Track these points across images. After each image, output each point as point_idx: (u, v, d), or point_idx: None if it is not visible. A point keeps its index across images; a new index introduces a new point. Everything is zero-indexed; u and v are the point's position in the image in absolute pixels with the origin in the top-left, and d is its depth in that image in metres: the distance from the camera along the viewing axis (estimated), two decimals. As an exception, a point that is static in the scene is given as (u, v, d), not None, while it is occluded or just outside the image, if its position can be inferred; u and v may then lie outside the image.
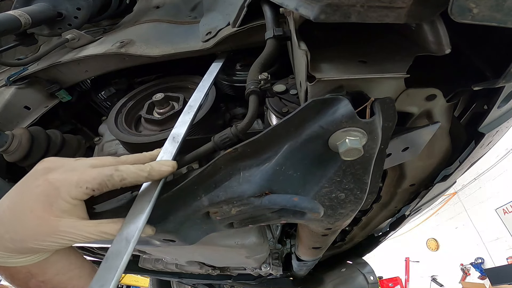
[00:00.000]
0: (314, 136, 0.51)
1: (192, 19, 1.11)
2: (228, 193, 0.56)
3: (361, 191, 0.60)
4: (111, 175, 0.52)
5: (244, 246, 1.13)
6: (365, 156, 0.53)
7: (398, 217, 1.41)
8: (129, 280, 7.84)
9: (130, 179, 0.53)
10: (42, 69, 1.05)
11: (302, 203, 0.53)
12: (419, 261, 7.88)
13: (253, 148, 0.54)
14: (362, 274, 1.71)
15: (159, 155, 0.61)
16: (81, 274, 0.64)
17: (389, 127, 0.53)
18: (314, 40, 0.59)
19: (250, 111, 0.62)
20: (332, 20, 0.42)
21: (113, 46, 0.99)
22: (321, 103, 0.49)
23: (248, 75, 0.66)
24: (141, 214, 0.53)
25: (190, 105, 0.75)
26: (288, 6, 0.54)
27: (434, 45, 0.52)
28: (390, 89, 0.55)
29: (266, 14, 0.73)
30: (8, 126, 1.01)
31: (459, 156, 0.87)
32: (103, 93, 1.27)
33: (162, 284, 4.02)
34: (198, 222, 0.64)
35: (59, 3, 1.11)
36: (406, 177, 0.97)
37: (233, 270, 1.99)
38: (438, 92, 0.59)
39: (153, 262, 1.85)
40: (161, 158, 0.60)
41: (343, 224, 0.73)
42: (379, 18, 0.42)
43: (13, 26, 0.97)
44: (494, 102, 0.66)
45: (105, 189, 0.52)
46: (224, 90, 0.99)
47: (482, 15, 0.36)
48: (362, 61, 0.54)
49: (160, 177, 0.56)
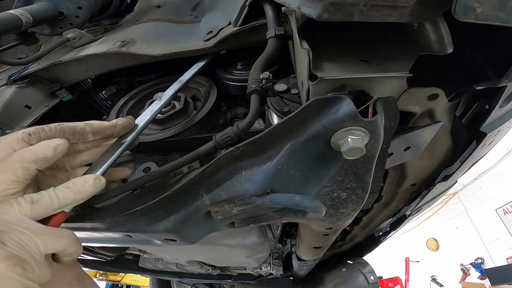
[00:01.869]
0: (316, 135, 0.51)
1: (193, 19, 1.11)
2: (229, 192, 0.56)
3: (362, 190, 0.60)
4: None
5: (245, 246, 1.13)
6: (367, 155, 0.53)
7: (399, 217, 1.41)
8: (129, 279, 7.85)
9: (68, 123, 0.54)
10: (43, 68, 1.05)
11: (304, 202, 0.53)
12: (419, 261, 7.88)
13: (255, 147, 0.54)
14: (362, 274, 1.71)
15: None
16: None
17: (391, 127, 0.52)
18: (316, 39, 0.59)
19: (252, 110, 0.62)
20: (335, 19, 0.42)
21: (114, 45, 0.99)
22: (323, 102, 0.49)
23: (250, 74, 0.66)
24: None
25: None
26: (290, 5, 0.54)
27: (436, 44, 0.52)
28: (392, 89, 0.54)
29: (267, 13, 0.73)
30: (9, 125, 1.01)
31: (461, 156, 0.86)
32: (104, 92, 1.27)
33: (162, 283, 4.02)
34: (199, 222, 0.64)
35: (60, 2, 1.11)
36: (407, 177, 0.97)
37: (233, 270, 1.99)
38: (440, 91, 0.59)
39: (153, 262, 1.85)
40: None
41: (345, 223, 0.73)
42: (382, 17, 0.42)
43: (14, 25, 0.97)
44: (495, 101, 0.66)
45: (42, 134, 0.51)
46: (225, 90, 0.99)
47: (485, 14, 0.36)
48: (364, 60, 0.54)
49: (100, 127, 0.58)
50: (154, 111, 0.72)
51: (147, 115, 0.70)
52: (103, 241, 0.81)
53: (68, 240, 0.49)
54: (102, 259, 1.64)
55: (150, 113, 0.71)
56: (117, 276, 7.68)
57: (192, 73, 0.88)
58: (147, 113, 0.71)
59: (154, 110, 0.72)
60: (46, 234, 0.46)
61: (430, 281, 7.47)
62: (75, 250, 0.50)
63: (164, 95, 0.78)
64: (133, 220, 0.61)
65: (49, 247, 0.46)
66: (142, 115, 0.70)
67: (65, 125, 0.54)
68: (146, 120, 0.68)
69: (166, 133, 0.85)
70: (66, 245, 0.48)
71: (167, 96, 0.78)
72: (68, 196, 0.50)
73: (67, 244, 0.48)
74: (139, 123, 0.66)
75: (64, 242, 0.48)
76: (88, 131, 0.56)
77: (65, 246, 0.48)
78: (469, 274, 6.99)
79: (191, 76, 0.86)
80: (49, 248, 0.46)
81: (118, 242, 0.78)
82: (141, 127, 0.66)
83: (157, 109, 0.73)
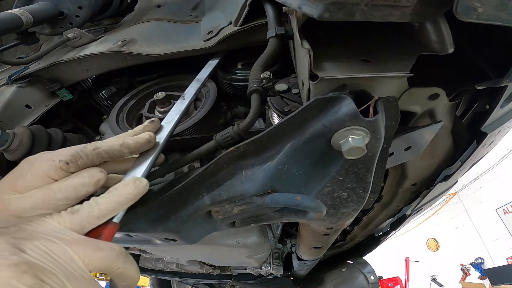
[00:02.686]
0: (317, 135, 0.51)
1: (194, 18, 1.11)
2: (230, 192, 0.56)
3: (363, 190, 0.60)
4: (85, 145, 0.49)
5: (245, 246, 1.13)
6: (368, 155, 0.53)
7: (399, 217, 1.41)
8: (129, 279, 7.84)
9: (104, 147, 0.50)
10: (43, 68, 1.05)
11: (305, 202, 0.53)
12: (419, 261, 7.88)
13: (255, 147, 0.54)
14: (362, 274, 1.71)
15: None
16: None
17: (392, 126, 0.52)
18: (317, 39, 0.59)
19: (252, 109, 0.62)
20: (336, 18, 0.42)
21: (115, 45, 0.99)
22: (324, 101, 0.48)
23: (250, 74, 0.66)
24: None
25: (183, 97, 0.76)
26: (292, 5, 0.54)
27: (437, 44, 0.52)
28: (393, 88, 0.54)
29: (268, 13, 0.72)
30: (9, 125, 1.01)
31: (461, 156, 0.86)
32: (104, 92, 1.26)
33: (162, 283, 4.02)
34: (200, 221, 0.64)
35: (61, 2, 1.11)
36: (408, 177, 0.97)
37: (233, 270, 1.99)
38: (441, 91, 0.59)
39: (153, 262, 1.85)
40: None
41: (345, 223, 0.73)
42: (383, 17, 0.42)
43: (14, 24, 0.97)
44: (496, 101, 0.66)
45: (80, 161, 0.47)
46: (225, 89, 0.99)
47: (487, 14, 0.36)
48: (365, 60, 0.54)
49: (137, 146, 0.54)
50: (181, 111, 0.70)
51: (174, 115, 0.68)
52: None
53: (110, 253, 0.42)
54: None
55: (177, 113, 0.69)
56: (117, 276, 7.68)
57: (209, 71, 0.88)
58: (174, 113, 0.69)
59: (181, 109, 0.71)
60: (81, 244, 0.41)
61: (430, 281, 7.47)
62: (126, 269, 0.44)
63: (187, 93, 0.78)
64: (134, 220, 0.61)
65: (88, 261, 0.40)
66: (169, 116, 0.68)
67: (101, 150, 0.50)
68: (176, 120, 0.66)
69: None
70: (107, 259, 0.42)
71: (190, 95, 0.77)
72: (109, 201, 0.46)
73: (108, 257, 0.42)
74: (169, 124, 0.64)
75: (104, 255, 0.42)
76: (125, 152, 0.53)
77: (106, 261, 0.42)
78: (469, 274, 6.99)
79: (208, 74, 0.86)
80: (88, 261, 0.40)
81: (118, 242, 0.78)
82: (172, 128, 0.64)
83: (184, 108, 0.72)
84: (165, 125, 0.64)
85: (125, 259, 0.44)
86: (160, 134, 0.61)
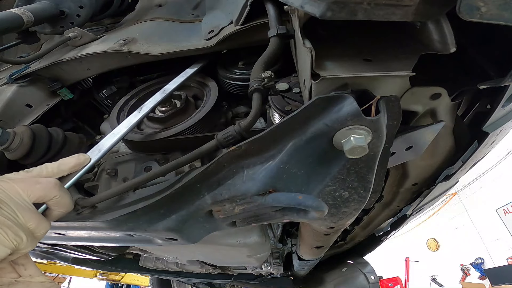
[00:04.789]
0: (319, 134, 0.51)
1: (195, 18, 1.11)
2: (231, 191, 0.56)
3: (365, 189, 0.60)
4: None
5: (246, 245, 1.13)
6: (370, 154, 0.53)
7: (400, 217, 1.41)
8: (129, 279, 7.86)
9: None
10: (44, 67, 1.05)
11: (306, 201, 0.53)
12: (419, 261, 7.88)
13: (257, 146, 0.54)
14: (363, 273, 1.71)
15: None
16: None
17: (394, 125, 0.52)
18: (318, 38, 0.59)
19: (254, 108, 0.61)
20: (339, 17, 0.42)
21: (115, 44, 0.99)
22: (326, 100, 0.48)
23: (251, 73, 0.66)
24: None
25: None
26: (293, 4, 0.53)
27: (439, 44, 0.52)
28: (395, 88, 0.54)
29: (269, 12, 0.72)
30: (9, 124, 1.01)
31: (462, 156, 0.86)
32: (105, 91, 1.26)
33: (163, 283, 4.02)
34: (201, 221, 0.64)
35: (62, 1, 1.11)
36: (409, 176, 0.97)
37: (234, 269, 1.99)
38: (443, 90, 0.59)
39: (154, 261, 1.85)
40: None
41: (346, 223, 0.73)
42: (385, 16, 0.41)
43: (15, 24, 0.96)
44: (498, 101, 0.66)
45: None
46: (226, 89, 0.99)
47: (490, 13, 0.36)
48: (367, 59, 0.54)
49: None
50: (131, 124, 0.72)
51: (122, 128, 0.71)
52: (104, 240, 0.81)
53: (47, 185, 0.55)
54: (102, 258, 1.64)
55: (126, 126, 0.72)
56: (117, 276, 7.70)
57: (178, 82, 0.87)
58: (123, 126, 0.72)
59: (131, 123, 0.73)
60: (25, 181, 0.54)
61: (430, 281, 7.47)
62: (59, 195, 0.56)
63: (144, 106, 0.78)
64: (134, 219, 0.61)
65: (30, 193, 0.53)
66: (118, 127, 0.71)
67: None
68: (122, 133, 0.70)
69: (167, 132, 0.84)
70: (45, 190, 0.54)
71: (147, 108, 0.78)
72: (54, 166, 0.61)
73: (45, 188, 0.55)
74: (115, 136, 0.69)
75: (42, 187, 0.54)
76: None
77: (44, 191, 0.54)
78: (469, 274, 6.99)
79: (175, 86, 0.86)
80: (30, 193, 0.53)
81: (119, 241, 0.78)
82: (116, 140, 0.69)
83: (136, 121, 0.73)
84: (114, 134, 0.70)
85: (60, 188, 0.57)
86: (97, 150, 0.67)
